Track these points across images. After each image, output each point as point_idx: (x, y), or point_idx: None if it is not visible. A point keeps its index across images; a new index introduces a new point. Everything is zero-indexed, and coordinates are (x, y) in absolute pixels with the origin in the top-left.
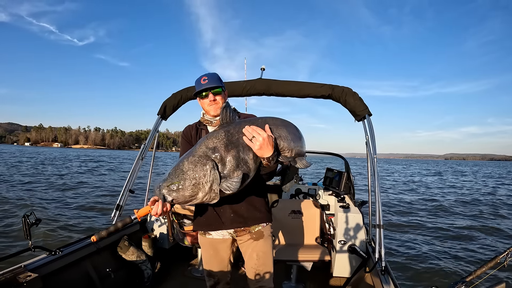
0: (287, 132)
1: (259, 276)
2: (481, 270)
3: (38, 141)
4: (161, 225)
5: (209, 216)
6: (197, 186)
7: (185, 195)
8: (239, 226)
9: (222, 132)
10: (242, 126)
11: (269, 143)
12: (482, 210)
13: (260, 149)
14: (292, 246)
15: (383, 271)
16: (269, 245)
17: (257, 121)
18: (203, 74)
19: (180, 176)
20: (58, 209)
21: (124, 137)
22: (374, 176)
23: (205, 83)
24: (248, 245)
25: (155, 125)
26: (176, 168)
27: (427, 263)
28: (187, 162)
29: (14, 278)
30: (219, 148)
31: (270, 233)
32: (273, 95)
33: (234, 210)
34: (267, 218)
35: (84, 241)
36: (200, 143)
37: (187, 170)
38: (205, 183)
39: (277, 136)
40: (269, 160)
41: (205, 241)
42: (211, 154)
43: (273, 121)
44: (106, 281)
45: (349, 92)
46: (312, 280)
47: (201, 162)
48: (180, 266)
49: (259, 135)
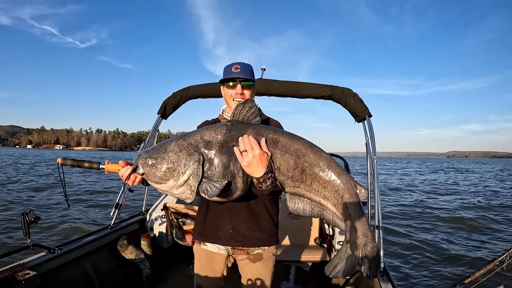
0: (294, 165)
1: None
2: (480, 272)
3: (40, 144)
4: (161, 224)
5: (207, 226)
6: (172, 172)
7: (156, 175)
8: (237, 245)
9: (223, 129)
10: (245, 133)
11: (261, 162)
12: (482, 210)
13: (248, 167)
14: (291, 246)
15: (381, 272)
16: (268, 268)
17: (267, 134)
18: (236, 62)
19: (160, 154)
20: (57, 208)
21: (126, 138)
22: (374, 177)
23: (237, 72)
24: (245, 264)
25: (155, 124)
26: (162, 144)
27: (426, 265)
28: (174, 143)
29: (13, 275)
30: (212, 145)
31: (272, 255)
32: (273, 95)
33: (234, 226)
34: (272, 240)
35: (83, 239)
36: (197, 130)
37: (170, 151)
38: (181, 173)
39: (276, 165)
40: (259, 181)
41: (200, 251)
42: (202, 147)
43: (288, 142)
44: (104, 279)
45: (349, 93)
46: (311, 281)
47: (188, 151)
48: (179, 265)
49: (251, 151)
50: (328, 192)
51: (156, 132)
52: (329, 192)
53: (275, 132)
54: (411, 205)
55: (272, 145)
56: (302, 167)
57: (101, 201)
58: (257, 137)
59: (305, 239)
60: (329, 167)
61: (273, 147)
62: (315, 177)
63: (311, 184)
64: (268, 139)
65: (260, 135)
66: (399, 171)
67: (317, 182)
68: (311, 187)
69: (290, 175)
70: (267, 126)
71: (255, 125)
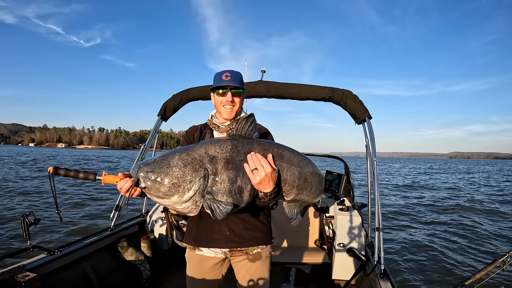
0: (299, 175)
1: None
2: (480, 274)
3: (42, 142)
4: (161, 226)
5: (202, 230)
6: (176, 188)
7: (160, 190)
8: (235, 247)
9: (229, 144)
10: (252, 149)
11: (271, 180)
12: (482, 211)
13: (259, 184)
14: (291, 248)
15: (382, 274)
16: (266, 268)
17: (272, 149)
18: (226, 70)
19: (164, 169)
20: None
21: (128, 137)
22: (374, 179)
23: (227, 80)
24: (243, 265)
25: (155, 126)
26: (164, 158)
27: (426, 266)
28: (178, 157)
29: (13, 277)
30: (218, 160)
31: (269, 254)
32: (274, 97)
33: (230, 228)
34: (268, 239)
35: (83, 241)
36: (201, 144)
37: (174, 166)
38: (187, 189)
39: (283, 177)
40: (266, 195)
41: (193, 257)
42: (207, 163)
43: (291, 155)
44: (104, 281)
45: (349, 95)
46: (311, 283)
47: (193, 166)
48: (179, 268)
49: (262, 169)
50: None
51: (156, 134)
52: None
53: (279, 147)
54: (411, 205)
55: (279, 159)
56: (305, 176)
57: (102, 203)
58: (264, 153)
59: (305, 241)
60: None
61: (280, 160)
62: (314, 183)
63: (311, 189)
64: (274, 153)
65: (267, 150)
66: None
67: (314, 187)
68: (310, 192)
69: (296, 184)
70: (270, 142)
71: (260, 140)
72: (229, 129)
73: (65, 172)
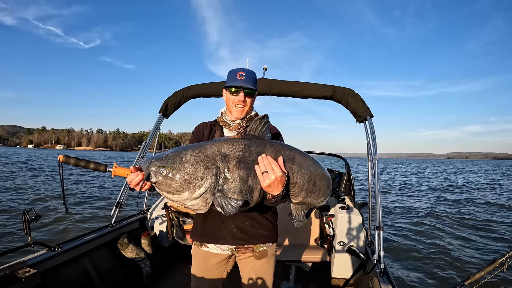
0: (308, 179)
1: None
2: (480, 274)
3: (40, 143)
4: (161, 223)
5: (209, 227)
6: (187, 185)
7: (170, 186)
8: (242, 244)
9: (242, 144)
10: (265, 150)
11: (280, 183)
12: (482, 212)
13: (268, 187)
14: (291, 246)
15: (382, 273)
16: (271, 265)
17: (284, 151)
18: (241, 68)
19: (176, 165)
20: (58, 206)
21: (127, 138)
22: (375, 178)
23: (241, 80)
24: (248, 262)
25: (157, 123)
26: (177, 153)
27: (426, 266)
28: (191, 153)
29: (13, 273)
30: (230, 159)
31: (275, 252)
32: (275, 95)
33: (237, 225)
34: (274, 237)
35: (83, 237)
36: (213, 141)
37: (186, 162)
38: (198, 186)
39: (292, 179)
40: (273, 197)
41: (199, 253)
42: (219, 161)
43: (302, 158)
44: (104, 278)
45: (351, 94)
46: (311, 281)
47: (205, 163)
48: (179, 265)
49: (272, 173)
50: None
51: (157, 131)
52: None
53: (291, 150)
54: (411, 205)
55: (290, 162)
56: (314, 180)
57: (102, 200)
58: (276, 155)
59: (306, 239)
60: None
61: (291, 163)
62: (322, 187)
63: (319, 193)
64: (285, 156)
65: (279, 152)
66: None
67: (322, 191)
68: (318, 195)
69: (305, 188)
70: (283, 144)
71: (272, 141)
72: (239, 127)
73: (75, 161)
